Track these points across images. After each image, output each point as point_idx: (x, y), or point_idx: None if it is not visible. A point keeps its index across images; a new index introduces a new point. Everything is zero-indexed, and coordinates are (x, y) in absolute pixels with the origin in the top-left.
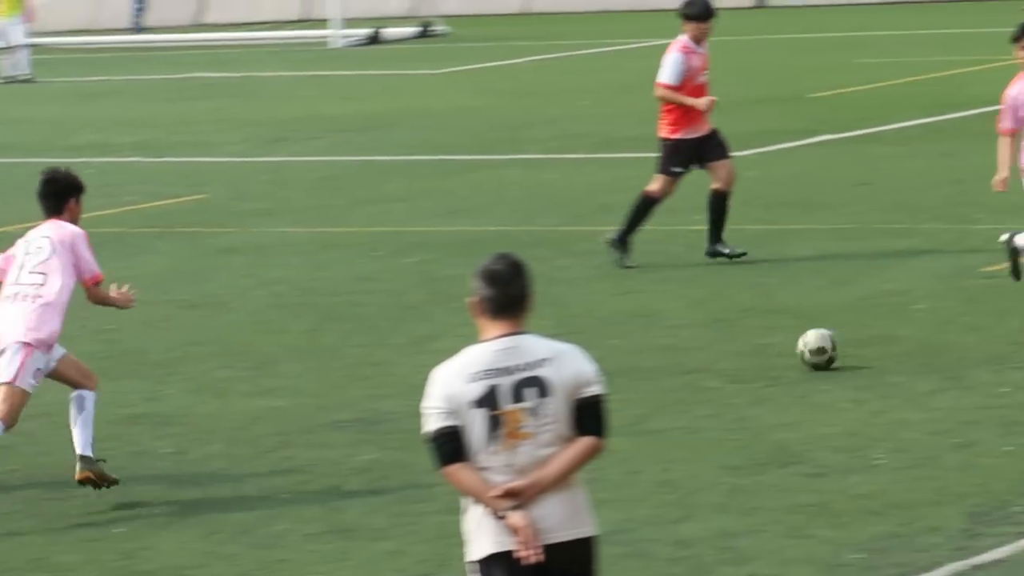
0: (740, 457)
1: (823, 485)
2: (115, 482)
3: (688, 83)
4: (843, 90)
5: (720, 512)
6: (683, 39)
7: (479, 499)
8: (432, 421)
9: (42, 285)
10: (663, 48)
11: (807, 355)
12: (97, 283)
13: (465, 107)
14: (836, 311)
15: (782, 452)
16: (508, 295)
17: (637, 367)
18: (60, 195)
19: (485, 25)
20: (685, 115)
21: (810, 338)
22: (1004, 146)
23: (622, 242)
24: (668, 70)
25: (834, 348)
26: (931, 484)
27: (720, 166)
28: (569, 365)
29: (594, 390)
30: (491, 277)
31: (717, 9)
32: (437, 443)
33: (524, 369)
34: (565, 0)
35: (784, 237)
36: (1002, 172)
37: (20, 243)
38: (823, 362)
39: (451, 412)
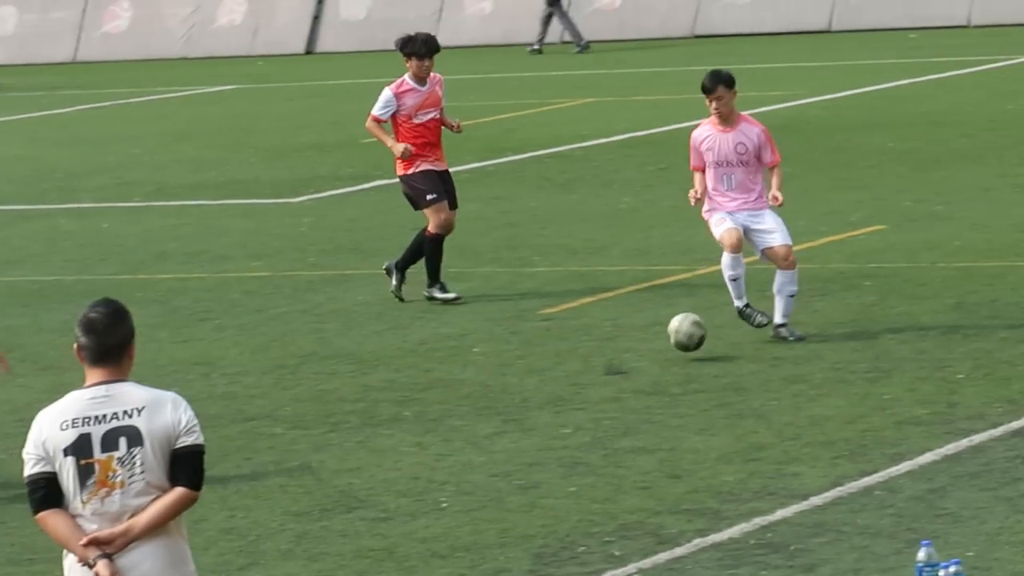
0: (305, 503)
1: (389, 529)
2: None
3: (407, 120)
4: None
5: (287, 559)
6: (404, 77)
7: (68, 547)
8: (27, 467)
9: None
10: (215, 96)
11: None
12: None
13: (16, 156)
14: (396, 355)
15: (347, 497)
16: (105, 343)
17: (198, 415)
18: None
19: (33, 75)
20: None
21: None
22: (697, 179)
23: (401, 271)
24: (377, 104)
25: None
26: (496, 526)
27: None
28: (165, 415)
29: (189, 440)
30: (88, 325)
31: (440, 46)
32: (30, 489)
33: (117, 418)
34: (114, 49)
35: (342, 283)
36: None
37: None
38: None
39: (44, 458)
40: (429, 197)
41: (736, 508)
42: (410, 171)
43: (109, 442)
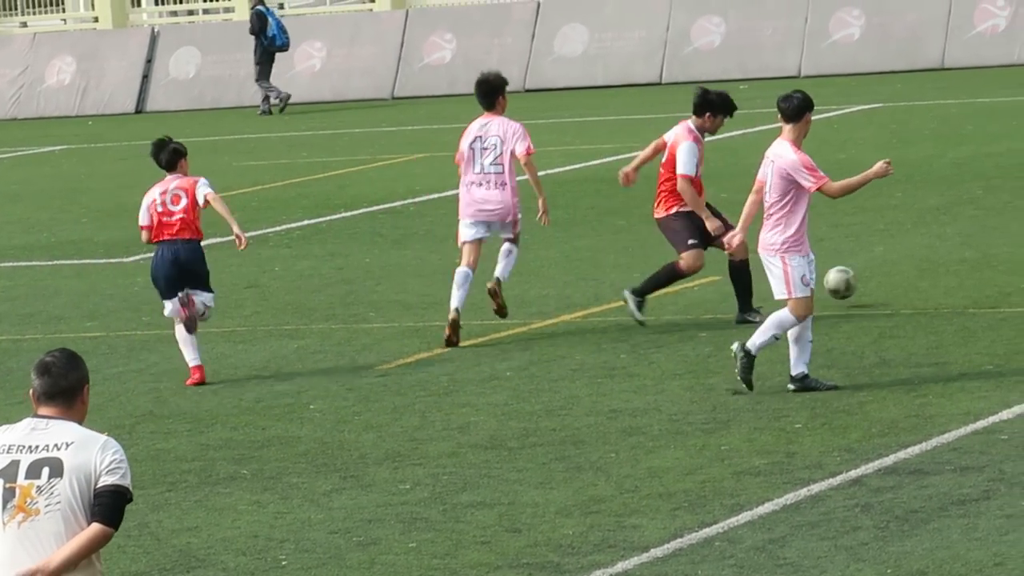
0: (144, 563)
1: None
2: None
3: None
4: (228, 193)
5: None
6: (689, 125)
7: None
8: None
9: None
10: (45, 156)
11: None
12: None
13: None
14: (233, 413)
15: (186, 556)
16: (58, 385)
17: None
18: None
19: None
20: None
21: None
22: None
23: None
24: (691, 162)
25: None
26: None
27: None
28: (90, 453)
29: (111, 480)
30: (43, 368)
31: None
32: None
33: (47, 450)
34: None
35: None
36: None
37: None
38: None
39: None
40: (690, 242)
41: (577, 561)
42: (672, 211)
43: (33, 470)
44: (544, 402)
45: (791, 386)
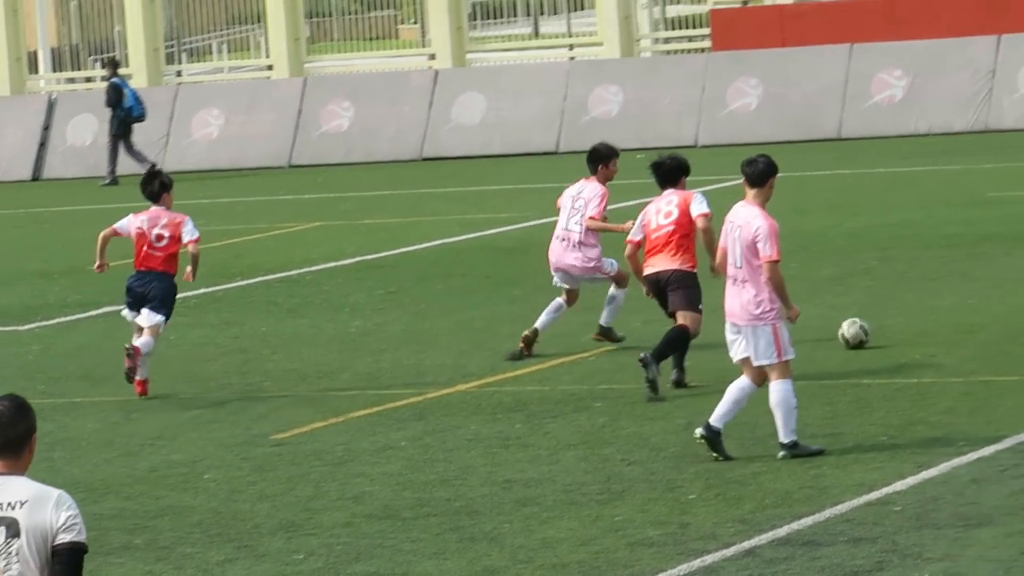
0: None
1: None
2: None
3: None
4: (123, 261)
5: None
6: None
7: None
8: None
9: None
10: None
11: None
12: None
13: None
14: (126, 483)
15: None
16: (7, 435)
17: None
18: None
19: None
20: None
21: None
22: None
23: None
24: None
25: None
26: None
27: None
28: (45, 512)
29: (68, 537)
30: None
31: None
32: None
33: (1, 509)
34: None
35: (71, 410)
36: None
37: None
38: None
39: None
40: (700, 307)
41: None
42: (694, 268)
43: None
44: (439, 472)
45: (701, 434)
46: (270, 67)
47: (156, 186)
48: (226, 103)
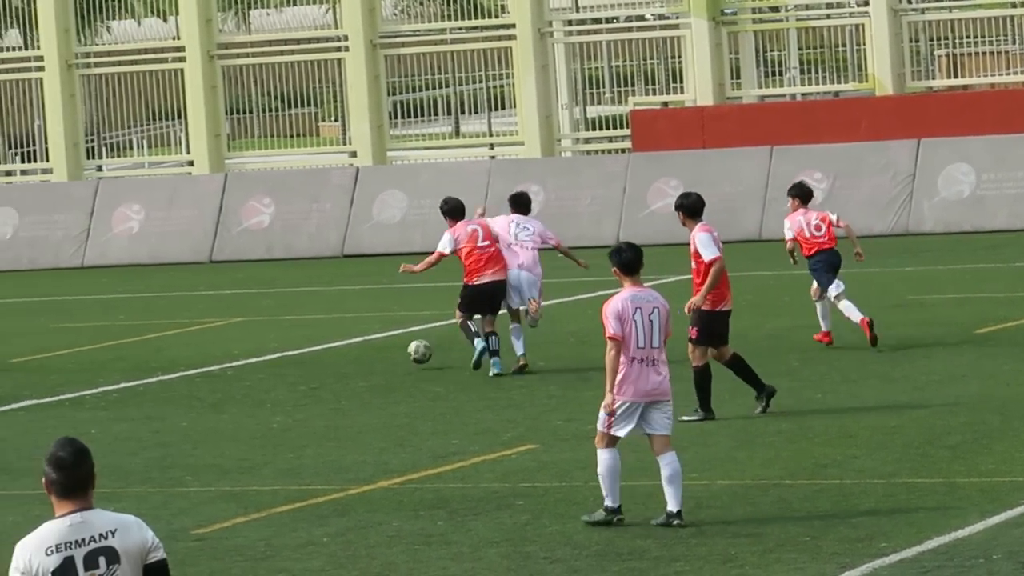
0: None
1: None
2: None
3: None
4: (44, 355)
5: None
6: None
7: None
8: None
9: None
10: None
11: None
12: None
13: None
14: None
15: None
16: (73, 477)
17: None
18: None
19: None
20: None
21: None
22: None
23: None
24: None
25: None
26: None
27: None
28: (134, 535)
29: (158, 555)
30: (58, 462)
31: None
32: None
33: (95, 540)
34: None
35: None
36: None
37: None
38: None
39: None
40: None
41: None
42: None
43: (90, 562)
44: (361, 569)
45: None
46: (191, 163)
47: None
48: (147, 198)
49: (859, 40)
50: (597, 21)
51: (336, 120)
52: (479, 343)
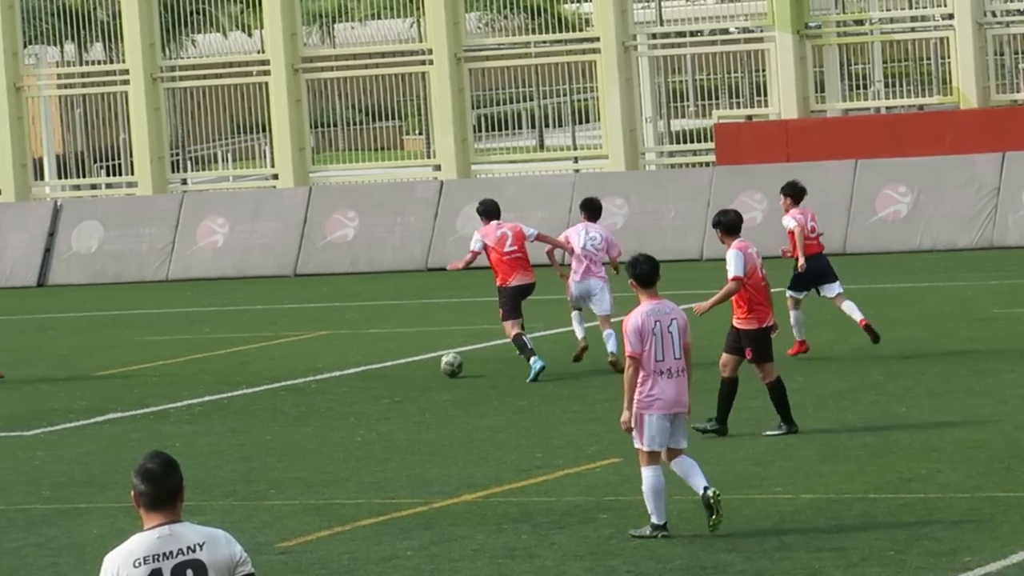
0: None
1: None
2: None
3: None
4: (128, 368)
5: None
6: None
7: None
8: None
9: None
10: None
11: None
12: None
13: None
14: None
15: None
16: (162, 490)
17: None
18: None
19: None
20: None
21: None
22: None
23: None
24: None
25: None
26: None
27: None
28: (223, 548)
29: (245, 570)
30: (146, 474)
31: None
32: None
33: (183, 553)
34: None
35: (76, 516)
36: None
37: None
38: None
39: None
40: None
41: None
42: (762, 326)
43: (178, 575)
44: None
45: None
46: (275, 176)
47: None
48: (231, 211)
49: (943, 53)
50: (681, 34)
51: (420, 134)
52: (536, 363)
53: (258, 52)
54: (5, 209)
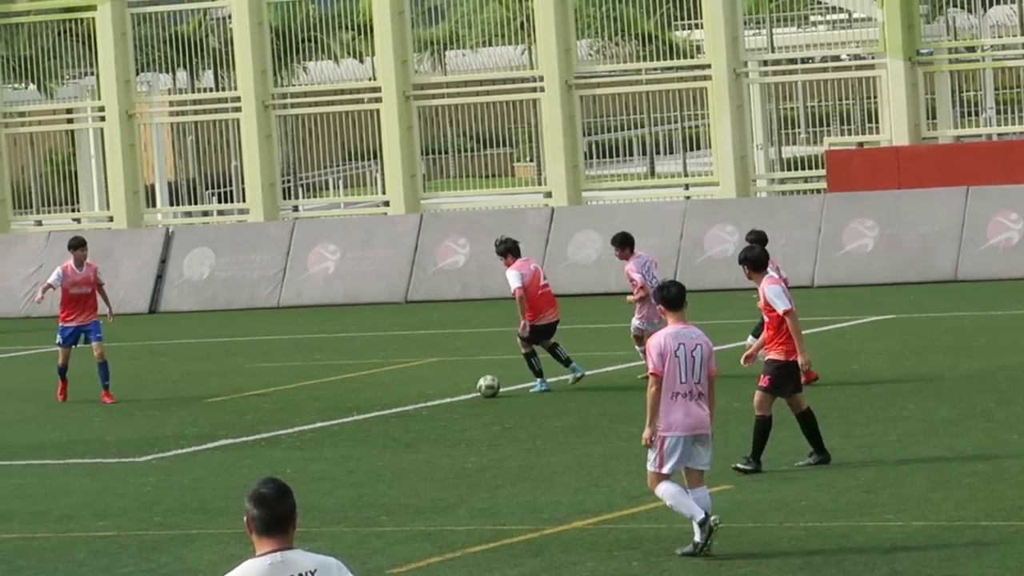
0: None
1: None
2: None
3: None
4: (240, 394)
5: None
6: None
7: None
8: None
9: None
10: (56, 355)
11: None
12: None
13: None
14: None
15: None
16: (275, 515)
17: None
18: None
19: None
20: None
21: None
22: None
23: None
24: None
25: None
26: None
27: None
28: None
29: None
30: (260, 500)
31: None
32: None
33: None
34: None
35: (188, 542)
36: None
37: None
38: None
39: None
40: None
41: None
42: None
43: None
44: None
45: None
46: (387, 203)
47: None
48: (342, 238)
49: None
50: (792, 61)
51: (531, 160)
52: (540, 384)
53: (369, 79)
54: (117, 236)
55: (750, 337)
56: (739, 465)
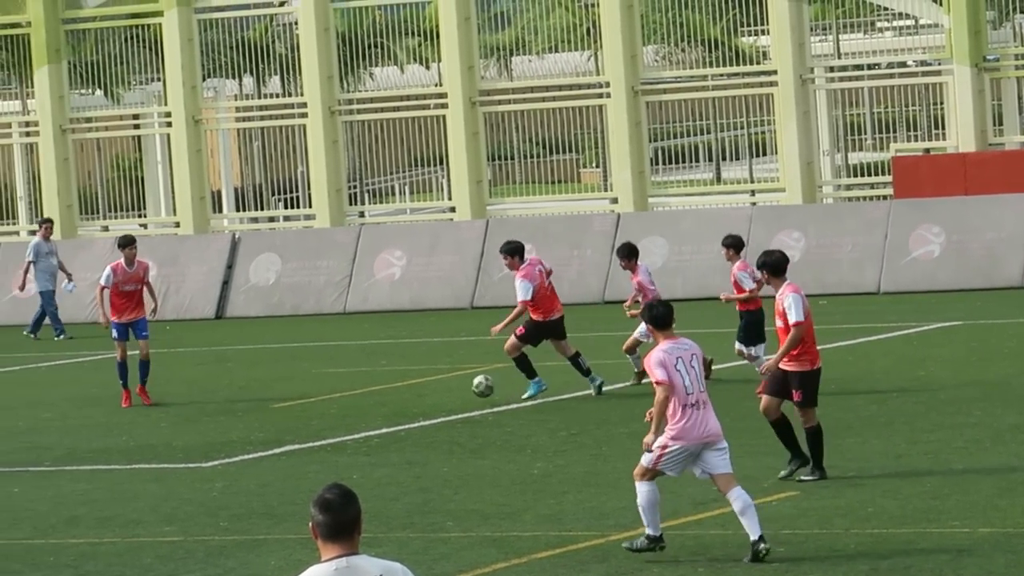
0: None
1: None
2: None
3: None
4: (306, 400)
5: None
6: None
7: None
8: None
9: None
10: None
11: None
12: None
13: None
14: None
15: None
16: (340, 521)
17: None
18: None
19: None
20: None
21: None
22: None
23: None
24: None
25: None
26: None
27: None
28: None
29: None
30: (325, 505)
31: None
32: None
33: None
34: (24, 312)
35: (254, 547)
36: None
37: None
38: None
39: None
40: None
41: None
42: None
43: None
44: None
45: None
46: (452, 209)
47: None
48: (408, 244)
49: None
50: (859, 67)
51: (597, 166)
52: (536, 385)
53: (436, 85)
54: (184, 241)
55: (737, 343)
56: (802, 477)
